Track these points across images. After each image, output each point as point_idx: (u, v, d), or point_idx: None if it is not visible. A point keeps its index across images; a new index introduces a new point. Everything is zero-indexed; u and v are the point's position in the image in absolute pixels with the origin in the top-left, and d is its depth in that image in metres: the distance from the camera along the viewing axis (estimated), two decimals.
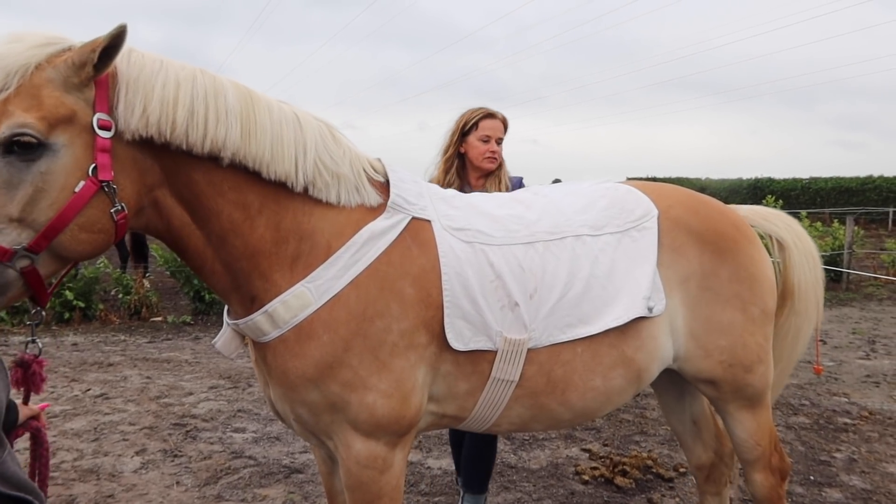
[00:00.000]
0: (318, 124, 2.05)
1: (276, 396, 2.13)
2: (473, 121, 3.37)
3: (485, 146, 3.35)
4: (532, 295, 2.15)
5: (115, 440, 4.83)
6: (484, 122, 3.36)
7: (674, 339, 2.37)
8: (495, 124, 3.37)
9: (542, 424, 2.34)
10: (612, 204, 2.37)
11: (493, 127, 3.36)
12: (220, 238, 1.95)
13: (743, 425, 2.59)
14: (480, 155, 3.35)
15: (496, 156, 3.36)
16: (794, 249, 2.71)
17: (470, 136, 3.38)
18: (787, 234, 2.73)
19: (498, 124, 3.38)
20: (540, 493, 4.07)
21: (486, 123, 3.36)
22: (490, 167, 3.37)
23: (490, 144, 3.35)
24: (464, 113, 3.43)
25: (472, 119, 3.38)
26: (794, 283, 2.69)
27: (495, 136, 3.36)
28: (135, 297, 9.57)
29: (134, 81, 1.75)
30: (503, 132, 3.41)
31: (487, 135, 3.34)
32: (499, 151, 3.38)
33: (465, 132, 3.39)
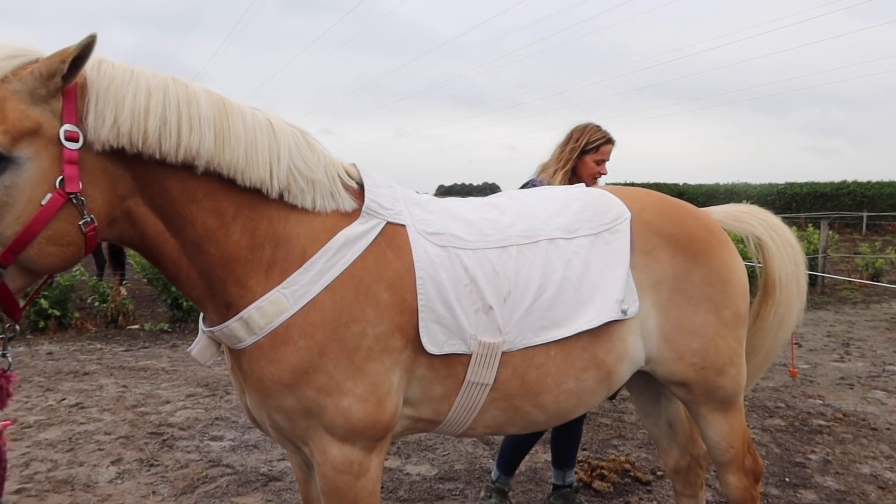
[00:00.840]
0: (292, 130, 2.06)
1: (253, 403, 2.12)
2: (596, 143, 3.62)
3: (597, 168, 3.64)
4: (506, 298, 2.16)
5: (90, 450, 4.77)
6: (605, 147, 3.64)
7: (645, 342, 2.39)
8: (610, 149, 3.68)
9: (517, 427, 2.35)
10: (585, 207, 2.39)
11: (609, 152, 3.67)
12: (195, 246, 1.95)
13: (715, 427, 2.62)
14: (591, 174, 3.63)
15: (601, 175, 3.70)
16: (772, 243, 2.74)
17: (588, 155, 3.62)
18: (762, 230, 2.76)
19: (611, 149, 3.69)
20: (519, 497, 4.07)
21: (606, 148, 3.64)
22: (591, 185, 3.53)
23: (601, 166, 3.65)
24: (584, 129, 3.66)
25: (595, 141, 3.62)
26: (776, 275, 2.73)
27: (607, 158, 3.69)
28: (111, 304, 9.46)
29: (104, 92, 1.74)
30: (609, 155, 3.71)
31: (603, 158, 3.64)
32: (605, 172, 3.72)
33: (586, 150, 3.62)
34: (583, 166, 3.63)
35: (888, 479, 4.38)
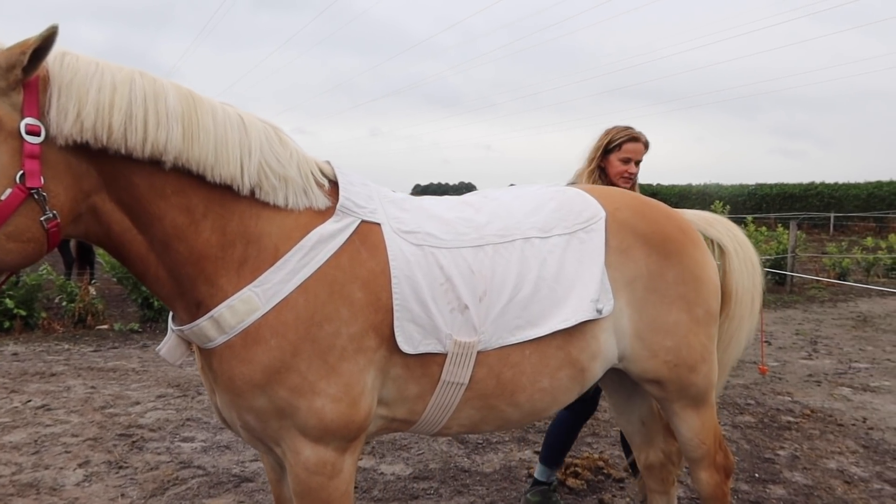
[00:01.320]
0: (264, 126, 2.03)
1: (223, 403, 2.09)
2: (618, 141, 3.55)
3: (623, 167, 3.55)
4: (482, 297, 2.16)
5: (56, 453, 4.67)
6: (627, 145, 3.55)
7: (619, 340, 2.40)
8: (637, 147, 3.56)
9: (492, 425, 2.35)
10: (560, 206, 2.40)
11: (635, 150, 3.56)
12: (163, 243, 1.91)
13: (688, 424, 2.65)
14: (618, 174, 3.55)
15: (632, 176, 3.58)
16: (735, 256, 2.78)
17: (612, 154, 3.58)
18: (729, 241, 2.80)
19: (639, 147, 3.58)
20: (493, 496, 4.08)
21: (629, 146, 3.55)
22: (624, 185, 3.53)
23: (629, 165, 3.55)
24: (609, 129, 3.63)
25: (617, 140, 3.56)
26: (733, 288, 2.76)
27: (635, 158, 3.56)
28: (80, 304, 9.27)
29: (67, 85, 1.70)
30: (642, 154, 3.60)
31: (628, 156, 3.55)
32: (635, 172, 3.60)
33: (609, 150, 3.58)
34: (609, 166, 3.59)
35: (854, 473, 4.47)
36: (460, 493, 4.11)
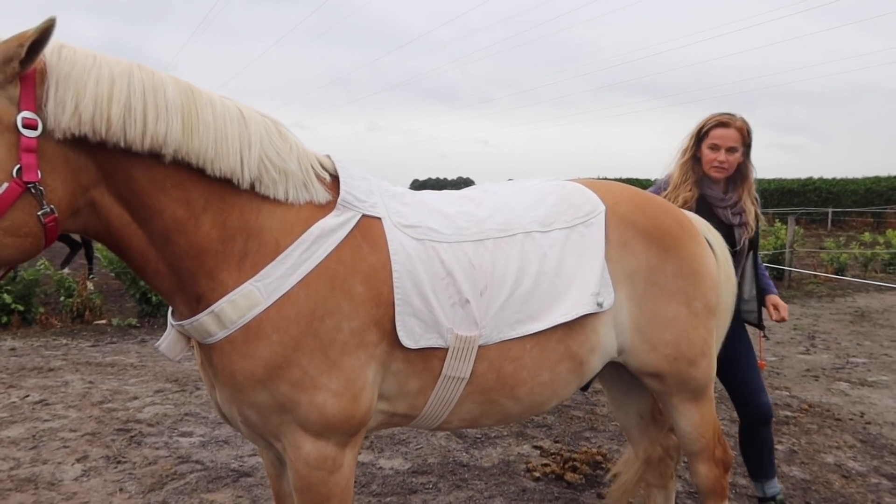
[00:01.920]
0: (264, 120, 2.02)
1: (223, 399, 2.08)
2: (706, 128, 3.29)
3: (712, 155, 3.26)
4: (482, 292, 2.16)
5: (54, 447, 4.66)
6: (715, 131, 3.26)
7: (618, 333, 2.41)
8: (726, 133, 3.24)
9: (492, 420, 2.35)
10: (560, 200, 2.39)
11: (724, 136, 3.24)
12: (163, 237, 1.90)
13: (687, 418, 2.66)
14: (707, 163, 3.28)
15: (724, 165, 3.24)
16: (722, 268, 2.76)
17: (703, 142, 3.31)
18: (720, 251, 2.78)
19: (730, 133, 3.24)
20: (492, 490, 4.08)
21: (716, 132, 3.26)
22: (716, 176, 3.27)
23: (717, 154, 3.24)
24: (706, 117, 3.38)
25: (706, 126, 3.30)
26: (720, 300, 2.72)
27: (725, 144, 3.23)
28: (77, 299, 9.25)
29: (65, 78, 1.69)
30: (737, 140, 3.25)
31: (716, 143, 3.24)
32: (729, 161, 3.25)
33: (700, 138, 3.32)
34: (703, 156, 3.31)
35: (851, 468, 4.48)
36: (459, 488, 4.11)
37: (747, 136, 3.28)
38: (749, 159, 3.35)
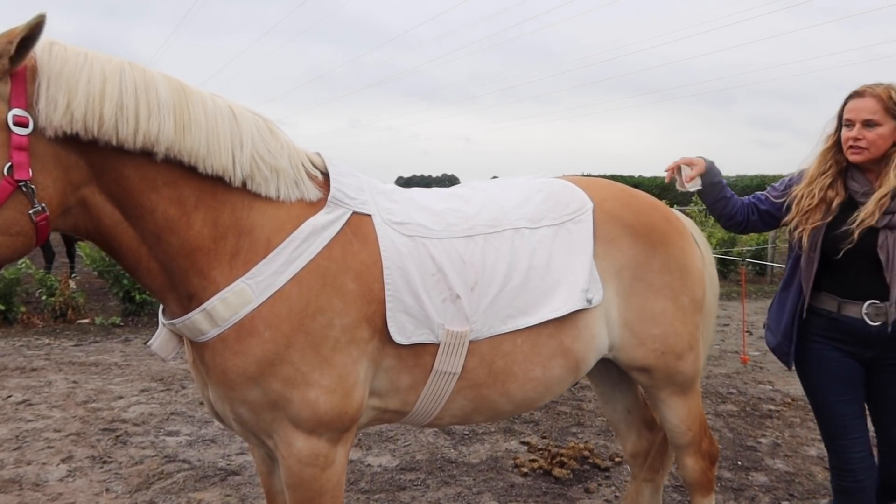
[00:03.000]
0: (254, 118, 2.02)
1: (215, 397, 2.08)
2: (843, 105, 2.63)
3: (847, 133, 2.56)
4: (473, 287, 2.17)
5: (38, 448, 4.62)
6: (849, 105, 2.59)
7: (609, 329, 2.43)
8: (860, 104, 2.54)
9: (484, 416, 2.37)
10: (548, 197, 2.41)
11: (857, 107, 2.55)
12: (154, 236, 1.90)
13: (675, 411, 2.69)
14: (844, 144, 2.59)
15: (859, 143, 2.53)
16: (707, 268, 2.78)
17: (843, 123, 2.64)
18: (706, 253, 2.81)
19: (865, 103, 2.53)
20: (480, 486, 4.10)
21: (850, 105, 2.58)
22: (853, 159, 2.56)
23: (851, 130, 2.54)
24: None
25: (844, 103, 2.64)
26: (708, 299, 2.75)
27: (858, 118, 2.53)
28: (60, 298, 9.15)
29: (56, 76, 1.68)
30: (875, 111, 2.51)
31: (849, 118, 2.56)
32: (867, 138, 2.51)
33: (840, 118, 2.65)
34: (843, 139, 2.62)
35: None
36: (447, 484, 4.13)
37: (893, 104, 2.50)
38: None
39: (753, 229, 2.88)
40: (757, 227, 2.84)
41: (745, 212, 2.80)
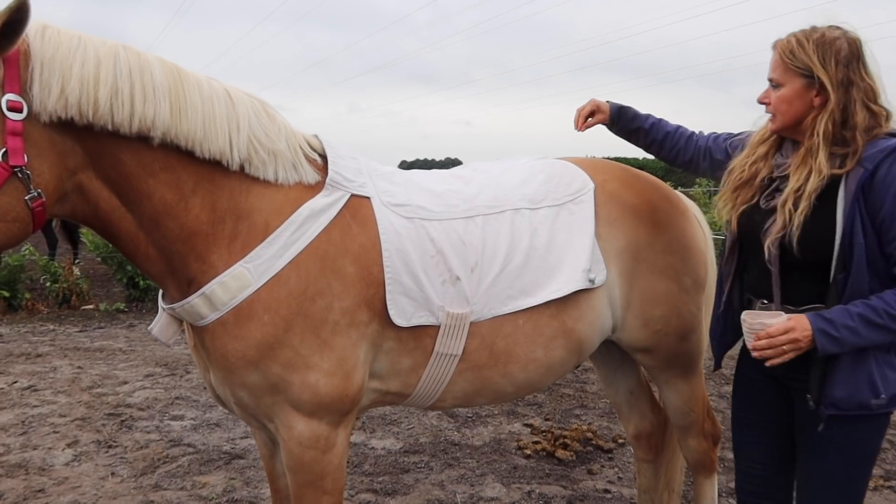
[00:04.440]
0: (251, 100, 2.00)
1: (216, 380, 2.09)
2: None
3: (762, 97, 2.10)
4: (473, 268, 2.16)
5: (44, 433, 4.65)
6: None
7: (612, 310, 2.42)
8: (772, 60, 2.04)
9: (486, 398, 2.36)
10: (549, 178, 2.39)
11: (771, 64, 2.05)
12: (152, 221, 1.89)
13: (678, 392, 2.68)
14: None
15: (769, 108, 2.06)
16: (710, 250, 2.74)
17: None
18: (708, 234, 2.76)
19: (772, 58, 2.04)
20: (483, 468, 4.12)
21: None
22: (768, 127, 2.09)
23: (765, 93, 2.07)
24: None
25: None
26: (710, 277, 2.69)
27: (770, 77, 2.04)
28: (64, 284, 9.18)
29: (49, 60, 1.66)
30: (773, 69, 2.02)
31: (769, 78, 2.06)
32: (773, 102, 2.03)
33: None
34: None
35: None
36: (451, 466, 4.15)
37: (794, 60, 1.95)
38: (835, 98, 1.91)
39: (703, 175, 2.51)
40: (707, 175, 2.45)
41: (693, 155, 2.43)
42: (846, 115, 1.92)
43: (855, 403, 1.92)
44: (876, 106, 1.93)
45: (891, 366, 1.92)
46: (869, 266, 1.87)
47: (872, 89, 1.94)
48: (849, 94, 1.92)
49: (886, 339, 1.87)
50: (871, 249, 1.86)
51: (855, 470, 2.00)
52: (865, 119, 1.91)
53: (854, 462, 2.00)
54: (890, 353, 1.93)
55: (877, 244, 1.86)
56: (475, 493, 3.79)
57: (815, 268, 1.94)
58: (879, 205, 1.84)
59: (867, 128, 1.91)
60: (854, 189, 1.87)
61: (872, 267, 1.87)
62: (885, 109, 1.94)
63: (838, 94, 1.91)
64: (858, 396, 1.91)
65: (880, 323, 1.82)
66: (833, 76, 1.92)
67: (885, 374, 1.91)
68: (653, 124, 2.52)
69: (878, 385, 1.90)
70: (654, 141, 2.51)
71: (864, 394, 1.91)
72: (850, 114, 1.91)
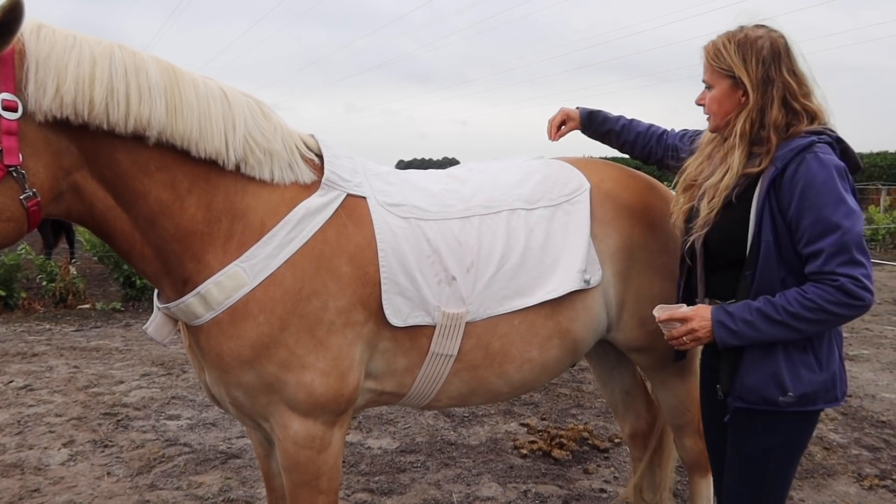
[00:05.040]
0: (247, 100, 2.00)
1: (212, 380, 2.09)
2: None
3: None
4: (469, 269, 2.16)
5: (40, 433, 4.64)
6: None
7: (607, 310, 2.42)
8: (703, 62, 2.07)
9: (481, 398, 2.36)
10: (545, 178, 2.40)
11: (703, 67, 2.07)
12: (148, 220, 1.89)
13: (673, 392, 2.69)
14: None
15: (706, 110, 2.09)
16: None
17: None
18: None
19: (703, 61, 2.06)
20: (480, 468, 4.12)
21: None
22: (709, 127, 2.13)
23: (701, 94, 2.10)
24: None
25: None
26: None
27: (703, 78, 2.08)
28: (60, 283, 9.16)
29: (44, 59, 1.66)
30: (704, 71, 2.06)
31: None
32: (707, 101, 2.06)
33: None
34: None
35: (833, 440, 4.56)
36: (447, 466, 4.15)
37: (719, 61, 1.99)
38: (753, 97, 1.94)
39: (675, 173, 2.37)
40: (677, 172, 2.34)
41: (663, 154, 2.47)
42: (764, 114, 1.94)
43: (760, 398, 1.95)
44: (797, 104, 1.93)
45: (807, 366, 1.92)
46: (782, 264, 1.89)
47: (795, 87, 1.94)
48: (770, 93, 1.94)
49: (787, 336, 1.88)
50: (785, 248, 1.89)
51: (771, 464, 2.01)
52: (781, 117, 1.92)
53: (770, 456, 2.00)
54: (807, 353, 1.92)
55: (790, 242, 1.88)
56: (471, 493, 3.79)
57: (737, 265, 1.98)
58: (787, 204, 1.87)
59: (783, 126, 1.92)
60: (765, 188, 1.90)
61: (786, 264, 1.90)
62: (810, 107, 1.94)
63: (757, 94, 1.94)
64: (764, 392, 1.94)
65: (778, 319, 1.84)
66: (753, 76, 1.94)
67: (797, 373, 1.91)
68: (623, 126, 2.59)
69: (787, 383, 1.91)
70: (625, 142, 2.61)
71: (769, 390, 1.93)
72: (770, 113, 1.93)
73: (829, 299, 1.80)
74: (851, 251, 1.79)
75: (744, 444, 2.04)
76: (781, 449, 2.00)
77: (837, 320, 1.85)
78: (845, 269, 1.78)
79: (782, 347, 1.91)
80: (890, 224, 16.31)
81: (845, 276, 1.78)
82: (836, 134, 1.94)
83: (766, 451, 2.00)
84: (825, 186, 1.81)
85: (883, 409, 5.21)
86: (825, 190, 1.81)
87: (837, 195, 1.81)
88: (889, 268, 12.81)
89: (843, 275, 1.78)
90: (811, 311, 1.81)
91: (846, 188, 1.84)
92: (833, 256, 1.79)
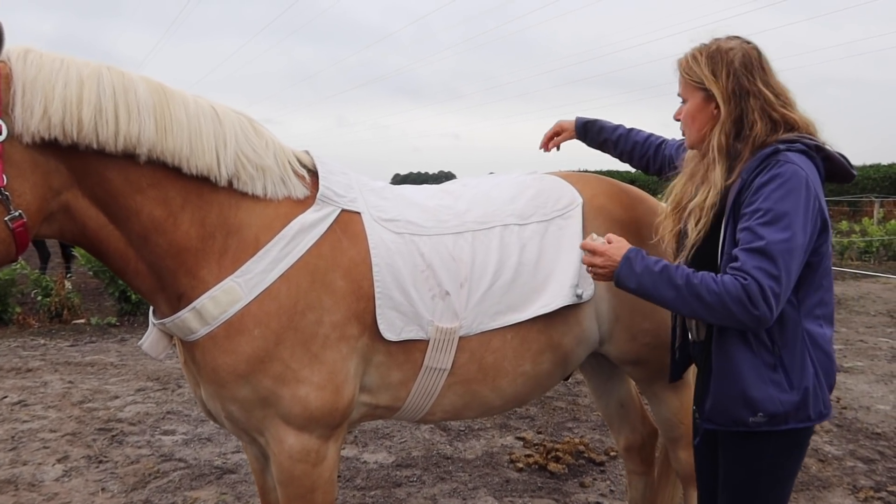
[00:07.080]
0: (238, 117, 2.02)
1: (207, 395, 2.09)
2: None
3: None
4: (462, 284, 2.18)
5: (34, 448, 4.62)
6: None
7: (599, 324, 2.44)
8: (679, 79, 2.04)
9: (475, 411, 2.37)
10: (538, 194, 2.42)
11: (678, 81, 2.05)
12: (141, 237, 1.90)
13: (667, 404, 2.69)
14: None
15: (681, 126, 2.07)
16: None
17: None
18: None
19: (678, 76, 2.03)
20: (476, 482, 4.11)
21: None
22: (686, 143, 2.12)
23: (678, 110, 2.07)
24: None
25: None
26: None
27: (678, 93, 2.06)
28: (55, 298, 9.13)
29: (31, 82, 1.69)
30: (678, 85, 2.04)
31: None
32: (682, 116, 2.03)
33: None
34: None
35: (828, 452, 4.57)
36: (443, 480, 4.14)
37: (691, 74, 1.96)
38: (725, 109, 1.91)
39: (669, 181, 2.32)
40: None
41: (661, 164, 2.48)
42: (740, 127, 1.90)
43: (729, 420, 1.92)
44: (776, 114, 1.89)
45: (777, 385, 1.86)
46: None
47: (771, 97, 1.90)
48: (744, 104, 1.89)
49: (675, 307, 1.86)
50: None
51: (761, 487, 1.97)
52: (764, 129, 1.88)
53: (759, 479, 1.96)
54: (777, 372, 1.86)
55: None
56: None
57: None
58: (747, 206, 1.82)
59: (764, 137, 1.88)
60: (731, 202, 1.88)
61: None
62: (790, 117, 1.90)
63: (729, 106, 1.90)
64: (732, 413, 1.90)
65: (678, 284, 1.81)
66: (724, 88, 1.90)
67: (766, 393, 1.86)
68: (620, 135, 2.59)
69: (756, 403, 1.86)
70: (623, 151, 2.62)
71: (738, 411, 1.89)
72: (747, 124, 1.89)
73: (731, 293, 1.75)
74: (775, 262, 1.74)
75: (732, 466, 2.01)
76: (770, 470, 1.96)
77: (728, 318, 1.78)
78: (758, 274, 1.74)
79: (751, 366, 1.87)
80: (884, 236, 16.38)
81: (755, 280, 1.74)
82: (815, 142, 1.88)
83: (755, 474, 1.96)
84: (772, 194, 1.77)
85: (878, 421, 5.22)
86: (770, 198, 1.77)
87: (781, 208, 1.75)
88: (883, 280, 12.85)
89: (754, 277, 1.74)
90: (710, 294, 1.77)
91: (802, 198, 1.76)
92: (753, 257, 1.75)
